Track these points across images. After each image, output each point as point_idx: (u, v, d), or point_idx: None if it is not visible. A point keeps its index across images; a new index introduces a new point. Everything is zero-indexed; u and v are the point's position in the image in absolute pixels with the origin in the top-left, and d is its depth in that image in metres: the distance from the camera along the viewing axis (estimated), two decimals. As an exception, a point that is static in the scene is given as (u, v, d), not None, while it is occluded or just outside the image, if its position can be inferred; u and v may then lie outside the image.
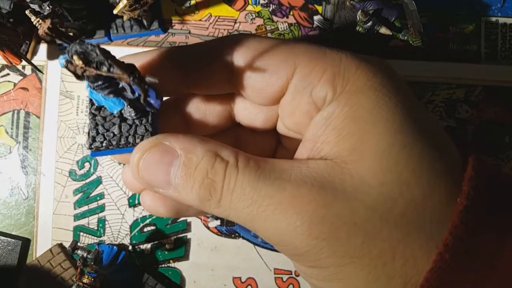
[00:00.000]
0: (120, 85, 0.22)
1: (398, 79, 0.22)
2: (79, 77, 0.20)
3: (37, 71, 0.48)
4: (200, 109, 0.27)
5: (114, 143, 0.24)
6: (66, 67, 0.20)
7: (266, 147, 0.29)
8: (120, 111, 0.24)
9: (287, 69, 0.22)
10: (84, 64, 0.19)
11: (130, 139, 0.24)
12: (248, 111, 0.27)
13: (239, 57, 0.23)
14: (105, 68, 0.20)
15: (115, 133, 0.24)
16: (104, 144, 0.24)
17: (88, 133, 0.24)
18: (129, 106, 0.23)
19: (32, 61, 0.47)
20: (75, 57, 0.19)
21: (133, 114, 0.23)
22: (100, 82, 0.21)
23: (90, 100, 0.24)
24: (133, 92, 0.22)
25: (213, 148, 0.22)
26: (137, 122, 0.24)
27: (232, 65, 0.24)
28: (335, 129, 0.21)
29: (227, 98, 0.27)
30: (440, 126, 0.22)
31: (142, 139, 0.23)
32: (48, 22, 0.36)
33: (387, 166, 0.20)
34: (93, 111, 0.24)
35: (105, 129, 0.24)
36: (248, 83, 0.24)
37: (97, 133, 0.24)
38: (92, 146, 0.24)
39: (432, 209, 0.19)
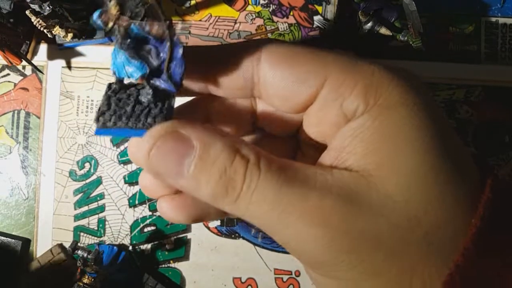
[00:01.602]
0: (147, 48, 0.21)
1: (429, 96, 0.22)
2: (110, 30, 0.20)
3: (37, 71, 0.48)
4: (222, 112, 0.27)
5: (123, 118, 0.22)
6: (100, 17, 0.19)
7: (285, 151, 0.29)
8: (137, 94, 0.23)
9: (317, 80, 0.22)
10: (119, 12, 0.19)
11: (142, 118, 0.22)
12: (270, 116, 0.27)
13: (266, 64, 0.23)
14: (139, 19, 0.19)
15: (127, 110, 0.22)
16: (112, 119, 0.22)
17: (99, 108, 0.23)
18: (148, 87, 0.22)
19: (32, 61, 0.47)
20: (113, 2, 0.19)
21: (150, 97, 0.22)
22: (129, 40, 0.21)
23: (108, 85, 0.24)
24: (158, 56, 0.21)
25: (233, 143, 0.21)
26: (152, 105, 0.22)
27: (258, 71, 0.23)
28: (364, 142, 0.20)
29: (250, 101, 0.27)
30: (463, 145, 0.22)
31: (154, 120, 0.22)
32: None
33: (415, 185, 0.19)
34: (109, 93, 0.23)
35: (118, 106, 0.23)
36: (274, 91, 0.23)
37: (108, 108, 0.23)
38: (99, 119, 0.22)
39: (453, 232, 0.19)
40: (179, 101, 0.25)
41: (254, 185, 0.20)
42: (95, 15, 0.20)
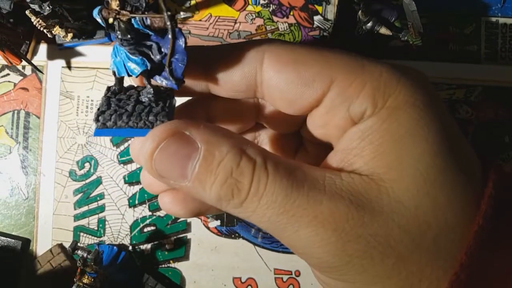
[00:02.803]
0: (148, 43, 0.21)
1: (436, 95, 0.22)
2: (110, 26, 0.20)
3: (37, 71, 0.48)
4: (223, 110, 0.27)
5: (124, 117, 0.21)
6: (100, 13, 0.19)
7: (287, 147, 0.28)
8: (138, 95, 0.22)
9: (323, 83, 0.21)
10: (119, 7, 0.19)
11: (143, 116, 0.21)
12: (273, 116, 0.26)
13: (270, 67, 0.22)
14: (139, 12, 0.19)
15: (128, 109, 0.22)
16: (112, 119, 0.21)
17: (98, 108, 0.22)
18: (149, 86, 0.22)
19: (32, 61, 0.47)
20: None
21: (151, 96, 0.22)
22: (129, 36, 0.20)
23: (108, 87, 0.23)
24: (160, 51, 0.21)
25: (238, 144, 0.20)
26: (153, 104, 0.22)
27: (261, 74, 0.23)
28: (372, 144, 0.20)
29: (252, 99, 0.27)
30: (468, 144, 0.22)
31: (156, 117, 0.21)
32: None
33: (424, 189, 0.20)
34: (108, 95, 0.23)
35: (118, 106, 0.22)
36: (278, 95, 0.23)
37: (108, 108, 0.22)
38: (99, 118, 0.21)
39: (461, 234, 0.19)
40: (179, 100, 0.25)
41: (263, 188, 0.20)
42: (95, 11, 0.20)
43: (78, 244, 0.45)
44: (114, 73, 0.23)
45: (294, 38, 0.48)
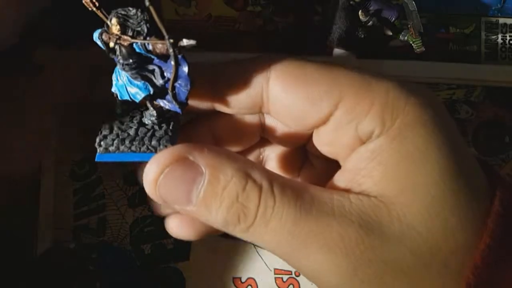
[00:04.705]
0: (151, 68, 0.21)
1: (445, 113, 0.22)
2: (111, 50, 0.20)
3: (37, 71, 0.48)
4: (228, 127, 0.26)
5: (126, 142, 0.22)
6: (100, 36, 0.19)
7: (293, 162, 0.28)
8: (141, 116, 0.22)
9: (331, 101, 0.21)
10: (120, 31, 0.19)
11: (146, 141, 0.22)
12: (279, 131, 0.26)
13: (277, 84, 0.22)
14: (141, 38, 0.19)
15: (130, 134, 0.22)
16: (114, 144, 0.22)
17: (100, 131, 0.22)
18: (151, 108, 0.22)
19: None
20: (114, 20, 0.18)
21: (153, 118, 0.22)
22: (131, 60, 0.20)
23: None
24: (162, 76, 0.21)
25: (243, 167, 0.20)
26: (156, 127, 0.22)
27: (268, 91, 0.22)
28: (381, 165, 0.20)
29: (257, 115, 0.26)
30: (475, 162, 0.22)
31: (159, 142, 0.21)
32: None
33: (435, 211, 0.19)
34: (111, 116, 0.23)
35: (120, 130, 0.22)
36: (285, 112, 0.23)
37: (110, 132, 0.22)
38: (101, 143, 0.22)
39: (471, 255, 0.19)
40: (183, 116, 0.25)
41: (270, 213, 0.19)
42: (95, 34, 0.19)
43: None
44: (116, 96, 0.23)
45: (294, 38, 0.48)
